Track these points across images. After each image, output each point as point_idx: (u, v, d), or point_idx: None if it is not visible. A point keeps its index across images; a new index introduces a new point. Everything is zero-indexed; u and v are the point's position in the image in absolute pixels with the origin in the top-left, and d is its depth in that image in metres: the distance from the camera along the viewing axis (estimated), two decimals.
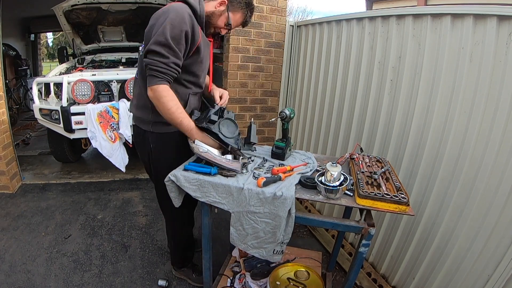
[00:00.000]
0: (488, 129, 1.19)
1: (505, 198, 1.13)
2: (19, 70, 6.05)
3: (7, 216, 2.41)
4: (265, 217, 1.16)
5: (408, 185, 1.55)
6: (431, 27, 1.40)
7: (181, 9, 1.23)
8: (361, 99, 1.89)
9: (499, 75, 1.15)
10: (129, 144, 2.70)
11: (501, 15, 1.11)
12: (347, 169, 1.38)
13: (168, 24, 1.17)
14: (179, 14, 1.21)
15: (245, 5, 1.38)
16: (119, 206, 2.64)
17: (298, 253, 1.84)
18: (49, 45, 13.77)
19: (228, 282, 1.67)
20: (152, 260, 2.02)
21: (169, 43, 1.18)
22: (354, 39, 1.92)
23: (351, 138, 1.99)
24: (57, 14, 3.49)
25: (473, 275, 1.24)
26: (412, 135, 1.54)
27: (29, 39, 7.15)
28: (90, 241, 2.17)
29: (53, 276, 1.85)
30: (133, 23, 3.91)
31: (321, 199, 1.13)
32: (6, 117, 2.71)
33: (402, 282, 1.62)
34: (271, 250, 1.20)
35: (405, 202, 1.05)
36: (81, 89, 2.66)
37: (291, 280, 1.54)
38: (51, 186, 2.95)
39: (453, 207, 1.34)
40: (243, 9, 1.38)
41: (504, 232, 1.13)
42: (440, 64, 1.37)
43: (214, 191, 1.20)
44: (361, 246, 1.12)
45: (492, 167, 1.17)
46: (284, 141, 1.44)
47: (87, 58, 3.99)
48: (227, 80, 2.65)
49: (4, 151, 2.67)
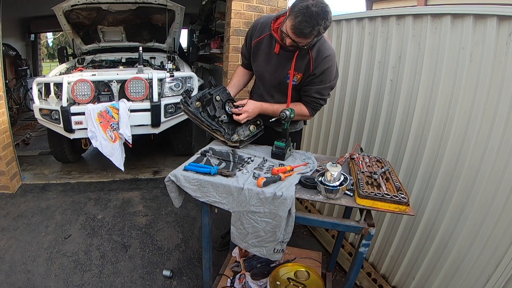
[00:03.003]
0: (488, 129, 1.19)
1: (505, 198, 1.13)
2: (19, 70, 6.04)
3: (7, 216, 2.41)
4: (265, 216, 1.16)
5: (408, 185, 1.55)
6: (431, 27, 1.40)
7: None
8: (361, 99, 1.89)
9: (499, 75, 1.15)
10: (129, 144, 2.70)
11: (501, 15, 1.11)
12: (347, 169, 1.38)
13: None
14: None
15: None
16: (119, 206, 2.64)
17: (298, 253, 1.84)
18: (49, 45, 13.78)
19: (228, 282, 1.67)
20: (152, 260, 2.02)
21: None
22: (354, 39, 1.92)
23: (351, 138, 1.99)
24: (57, 14, 3.48)
25: (473, 275, 1.24)
26: (412, 135, 1.54)
27: (29, 39, 7.15)
28: (90, 241, 2.17)
29: (53, 276, 1.85)
30: (133, 23, 3.91)
31: (321, 199, 1.13)
32: (6, 117, 2.71)
33: (402, 282, 1.62)
34: (271, 249, 1.20)
35: (405, 202, 1.05)
36: (81, 89, 2.66)
37: (291, 280, 1.54)
38: (51, 186, 2.95)
39: (453, 207, 1.34)
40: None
41: (504, 232, 1.13)
42: (440, 64, 1.37)
43: (214, 191, 1.20)
44: (361, 246, 1.12)
45: (492, 167, 1.17)
46: (284, 141, 1.44)
47: (87, 58, 3.98)
48: (227, 80, 2.65)
49: (4, 151, 2.67)
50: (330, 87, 1.50)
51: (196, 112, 1.49)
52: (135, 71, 2.97)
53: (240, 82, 1.70)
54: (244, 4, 2.51)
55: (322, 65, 1.41)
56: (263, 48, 1.52)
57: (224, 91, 1.58)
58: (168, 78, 2.91)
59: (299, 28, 1.21)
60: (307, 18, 1.18)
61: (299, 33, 1.23)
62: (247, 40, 1.60)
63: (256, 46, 1.54)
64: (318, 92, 1.48)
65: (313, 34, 1.24)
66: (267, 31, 1.48)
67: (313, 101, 1.51)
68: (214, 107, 1.53)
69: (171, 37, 4.08)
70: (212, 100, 1.52)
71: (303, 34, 1.23)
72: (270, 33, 1.46)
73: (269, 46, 1.49)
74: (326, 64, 1.41)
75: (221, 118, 1.53)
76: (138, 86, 2.77)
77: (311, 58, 1.41)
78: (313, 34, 1.23)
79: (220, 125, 1.51)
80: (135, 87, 2.77)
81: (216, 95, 1.54)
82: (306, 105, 1.53)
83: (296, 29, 1.22)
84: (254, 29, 1.54)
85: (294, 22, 1.21)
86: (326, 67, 1.41)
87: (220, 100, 1.55)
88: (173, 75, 2.94)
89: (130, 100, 2.75)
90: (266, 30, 1.49)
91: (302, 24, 1.20)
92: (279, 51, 1.45)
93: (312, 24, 1.19)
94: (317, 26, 1.20)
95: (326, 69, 1.42)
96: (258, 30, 1.52)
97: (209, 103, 1.52)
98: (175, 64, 3.45)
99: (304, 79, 1.47)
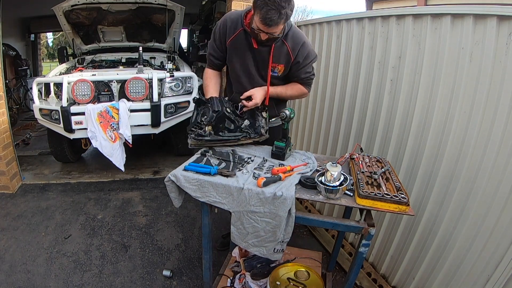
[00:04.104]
0: (488, 129, 1.19)
1: (505, 198, 1.13)
2: (19, 70, 6.05)
3: (7, 216, 2.41)
4: (265, 216, 1.16)
5: (408, 185, 1.55)
6: (431, 27, 1.40)
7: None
8: (361, 99, 1.89)
9: (499, 75, 1.14)
10: (129, 144, 2.70)
11: (501, 15, 1.11)
12: (347, 169, 1.38)
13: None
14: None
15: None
16: (119, 206, 2.64)
17: (298, 253, 1.84)
18: (49, 45, 13.78)
19: (228, 282, 1.67)
20: (152, 260, 2.02)
21: None
22: (354, 39, 1.92)
23: (351, 138, 1.99)
24: (57, 14, 3.48)
25: (473, 275, 1.24)
26: (412, 135, 1.54)
27: (29, 39, 7.15)
28: (90, 241, 2.17)
29: (53, 276, 1.85)
30: (133, 23, 3.91)
31: (321, 199, 1.13)
32: (6, 117, 2.71)
33: (402, 282, 1.62)
34: (271, 249, 1.20)
35: (405, 202, 1.05)
36: (81, 89, 2.66)
37: (291, 280, 1.54)
38: (51, 186, 2.95)
39: (453, 207, 1.34)
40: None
41: (504, 232, 1.13)
42: (440, 64, 1.37)
43: (214, 191, 1.21)
44: (361, 246, 1.12)
45: (492, 167, 1.17)
46: (284, 141, 1.44)
47: (87, 58, 3.99)
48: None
49: (4, 151, 2.67)
50: (313, 62, 1.59)
51: (215, 137, 1.48)
52: (135, 71, 2.98)
53: (217, 85, 1.67)
54: (244, 4, 2.51)
55: (302, 51, 1.51)
56: (240, 45, 1.51)
57: (222, 100, 1.54)
58: (168, 78, 2.91)
59: (267, 17, 1.24)
60: (271, 5, 1.22)
61: (270, 22, 1.26)
62: (217, 40, 1.57)
63: (232, 44, 1.53)
64: (306, 72, 1.59)
65: (282, 19, 1.26)
66: (239, 27, 1.49)
67: (305, 79, 1.62)
68: (231, 120, 1.51)
69: (171, 37, 4.08)
70: (226, 115, 1.49)
71: (273, 22, 1.26)
72: (244, 28, 1.47)
73: (245, 42, 1.50)
74: (305, 49, 1.51)
75: (244, 124, 1.53)
76: (138, 86, 2.77)
77: (288, 48, 1.49)
78: (282, 18, 1.26)
79: (243, 131, 1.52)
80: (135, 87, 2.77)
81: (223, 107, 1.50)
82: (302, 84, 1.63)
83: (266, 19, 1.25)
84: (225, 26, 1.52)
85: (261, 14, 1.25)
86: (306, 52, 1.52)
87: (231, 112, 1.53)
88: (173, 75, 2.95)
89: (130, 100, 2.75)
90: (239, 26, 1.49)
91: (269, 13, 1.23)
92: (257, 46, 1.47)
93: (278, 9, 1.22)
94: (283, 9, 1.23)
95: (307, 53, 1.52)
96: (230, 28, 1.51)
97: (222, 120, 1.49)
98: (175, 64, 3.45)
99: (287, 69, 1.55)
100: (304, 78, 1.60)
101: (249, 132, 1.52)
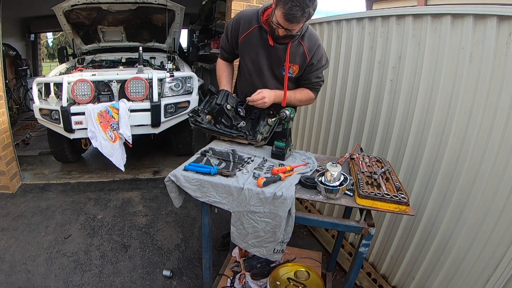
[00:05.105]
0: (488, 129, 1.19)
1: (505, 198, 1.13)
2: (19, 70, 6.05)
3: (7, 216, 2.41)
4: (265, 216, 1.16)
5: (408, 185, 1.55)
6: (431, 27, 1.40)
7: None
8: (361, 99, 1.89)
9: (499, 75, 1.14)
10: (129, 144, 2.70)
11: (501, 15, 1.11)
12: (347, 169, 1.38)
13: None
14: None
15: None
16: (119, 206, 2.64)
17: (298, 253, 1.84)
18: (49, 45, 13.79)
19: (228, 282, 1.67)
20: (152, 260, 2.02)
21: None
22: (354, 39, 1.92)
23: (351, 138, 1.99)
24: (57, 14, 3.48)
25: (473, 275, 1.24)
26: (412, 135, 1.54)
27: (29, 39, 7.16)
28: (90, 241, 2.17)
29: (53, 276, 1.85)
30: (133, 23, 3.91)
31: (321, 199, 1.13)
32: (6, 117, 2.71)
33: (402, 282, 1.62)
34: (271, 249, 1.20)
35: (405, 202, 1.05)
36: (81, 89, 2.66)
37: (291, 280, 1.54)
38: (51, 186, 2.95)
39: (453, 207, 1.34)
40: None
41: (504, 232, 1.13)
42: (440, 64, 1.37)
43: (214, 191, 1.20)
44: (361, 246, 1.12)
45: (492, 167, 1.17)
46: (284, 141, 1.44)
47: (87, 58, 3.98)
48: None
49: (4, 151, 2.67)
50: (325, 68, 1.61)
51: (211, 127, 1.50)
52: (135, 71, 2.98)
53: (230, 76, 1.70)
54: (244, 4, 2.51)
55: (317, 53, 1.51)
56: (254, 42, 1.51)
57: (229, 96, 1.56)
58: (168, 78, 2.91)
59: (290, 13, 1.24)
60: (296, 2, 1.21)
61: (292, 19, 1.25)
62: (229, 35, 1.59)
63: (246, 41, 1.53)
64: (317, 76, 1.59)
65: (305, 17, 1.26)
66: (254, 23, 1.48)
67: (315, 85, 1.62)
68: (228, 116, 1.52)
69: (171, 37, 4.08)
70: (224, 111, 1.51)
71: (295, 19, 1.25)
72: (260, 25, 1.46)
73: (260, 39, 1.49)
74: (320, 51, 1.52)
75: (240, 125, 1.53)
76: (138, 86, 2.77)
77: (304, 48, 1.48)
78: (304, 17, 1.25)
79: (240, 130, 1.52)
80: (135, 87, 2.77)
81: (225, 103, 1.51)
82: (310, 90, 1.63)
83: (288, 15, 1.24)
84: (238, 23, 1.52)
85: (284, 10, 1.24)
86: (320, 55, 1.53)
87: (231, 108, 1.54)
88: (173, 75, 2.94)
89: (130, 100, 2.75)
90: (254, 23, 1.48)
91: (293, 10, 1.22)
92: (273, 43, 1.46)
93: (302, 7, 1.22)
94: (307, 8, 1.23)
95: (321, 56, 1.53)
96: (244, 25, 1.51)
97: (221, 114, 1.51)
98: (175, 64, 3.45)
99: (301, 70, 1.54)
100: (315, 83, 1.60)
101: (246, 133, 1.52)
